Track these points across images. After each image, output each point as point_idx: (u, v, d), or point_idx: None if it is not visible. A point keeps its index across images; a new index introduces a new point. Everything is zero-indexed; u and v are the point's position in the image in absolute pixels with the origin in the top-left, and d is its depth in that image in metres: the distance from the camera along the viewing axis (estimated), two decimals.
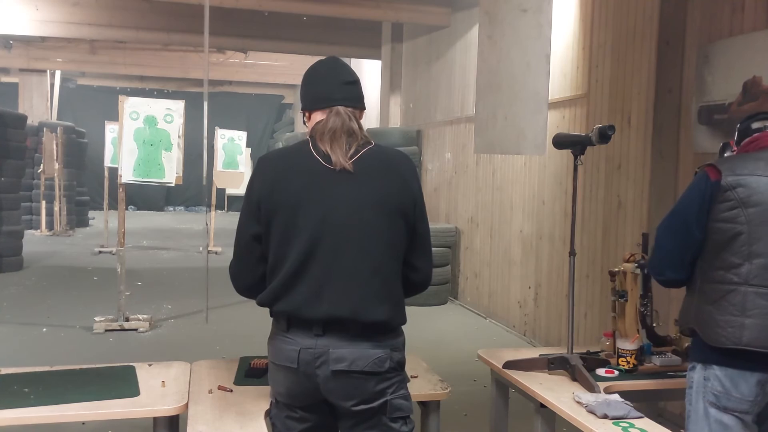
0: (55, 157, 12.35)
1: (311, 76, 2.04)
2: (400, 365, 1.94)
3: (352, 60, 13.84)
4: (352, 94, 2.00)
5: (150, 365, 2.71)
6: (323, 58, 2.10)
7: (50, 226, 12.81)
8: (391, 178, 1.92)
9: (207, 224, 6.94)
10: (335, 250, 1.86)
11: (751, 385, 2.14)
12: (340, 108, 1.95)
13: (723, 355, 2.16)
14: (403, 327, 1.98)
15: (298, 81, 17.96)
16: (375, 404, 1.88)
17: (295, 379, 1.88)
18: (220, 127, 11.27)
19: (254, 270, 1.98)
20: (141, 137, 6.05)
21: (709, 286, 2.21)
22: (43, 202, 12.74)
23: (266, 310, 1.98)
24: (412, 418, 1.97)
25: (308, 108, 2.02)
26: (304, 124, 2.04)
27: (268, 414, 2.03)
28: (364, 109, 2.05)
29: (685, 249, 2.24)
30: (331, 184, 1.88)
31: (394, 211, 1.90)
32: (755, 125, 2.31)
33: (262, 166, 1.98)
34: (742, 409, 2.15)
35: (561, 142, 2.84)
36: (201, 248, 11.00)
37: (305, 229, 1.86)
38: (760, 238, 2.13)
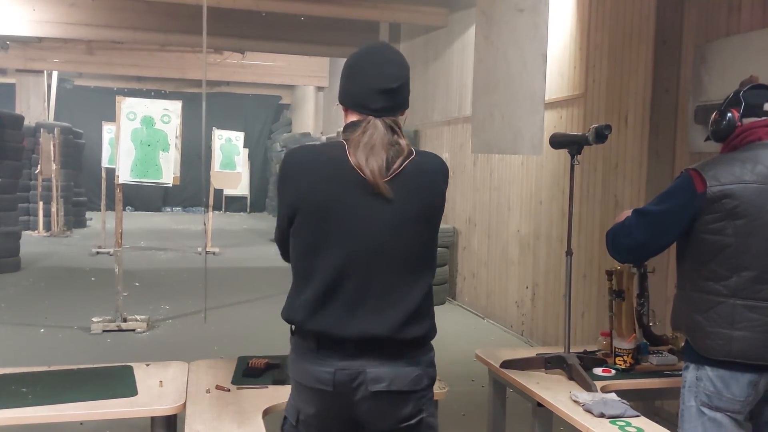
0: (52, 158, 12.34)
1: (352, 69, 1.85)
2: (433, 382, 1.88)
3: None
4: (392, 103, 1.81)
5: (148, 365, 2.71)
6: (370, 45, 1.89)
7: (47, 226, 12.79)
8: (429, 193, 1.81)
9: (205, 225, 6.94)
10: (372, 268, 1.76)
11: (743, 385, 2.14)
12: (378, 121, 1.79)
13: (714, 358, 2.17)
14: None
15: (296, 81, 18.00)
16: (412, 421, 1.81)
17: (329, 401, 1.78)
18: (218, 128, 11.27)
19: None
20: (138, 138, 6.04)
21: (698, 295, 2.21)
22: (41, 203, 12.72)
23: (265, 310, 1.95)
24: None
25: (344, 105, 1.87)
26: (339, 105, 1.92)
27: (281, 430, 1.93)
28: (407, 108, 1.88)
29: (655, 247, 2.30)
30: (367, 198, 1.75)
31: (428, 224, 1.83)
32: (767, 107, 2.24)
33: (290, 167, 1.82)
34: (733, 409, 2.15)
35: (558, 141, 2.85)
36: (199, 249, 11.00)
37: (339, 243, 1.75)
38: (747, 250, 2.11)
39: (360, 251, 1.76)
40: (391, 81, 1.80)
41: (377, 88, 1.79)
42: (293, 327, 1.85)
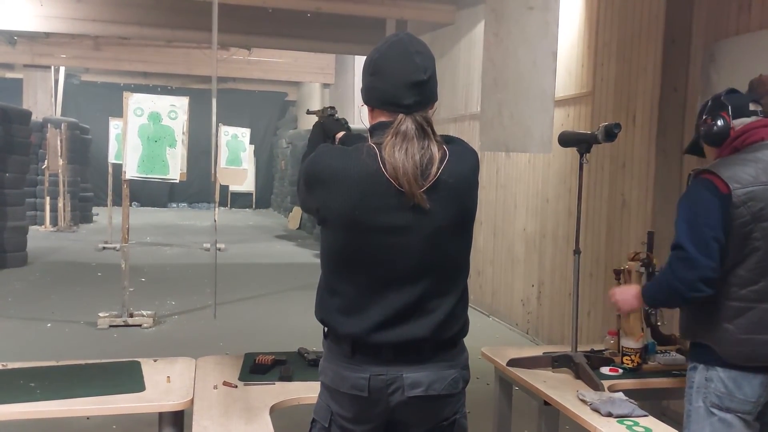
0: (59, 153, 12.37)
1: (374, 65, 1.74)
2: (467, 383, 1.86)
3: (356, 58, 13.86)
4: (422, 97, 1.71)
5: (155, 361, 2.72)
6: (393, 37, 1.76)
7: (54, 222, 12.83)
8: (467, 198, 1.76)
9: (215, 220, 6.94)
10: (410, 277, 1.71)
11: (755, 386, 2.13)
12: (409, 120, 1.69)
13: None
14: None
15: (302, 78, 17.99)
16: (448, 421, 1.81)
17: (367, 405, 1.75)
18: (224, 124, 11.28)
19: None
20: (145, 133, 6.05)
21: (725, 302, 2.14)
22: (47, 198, 12.76)
23: (270, 306, 1.95)
24: None
25: (371, 105, 1.77)
26: (364, 106, 1.80)
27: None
28: (437, 100, 1.78)
29: (715, 255, 2.11)
30: (405, 208, 1.67)
31: (466, 230, 1.79)
32: (752, 107, 2.25)
33: (319, 172, 1.73)
34: (744, 409, 2.14)
35: (567, 140, 2.84)
36: (207, 244, 11.02)
37: (376, 252, 1.70)
38: None
39: (398, 260, 1.71)
40: (421, 72, 1.70)
41: (408, 82, 1.69)
42: (326, 329, 1.82)
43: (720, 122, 2.23)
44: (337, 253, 1.75)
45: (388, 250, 1.70)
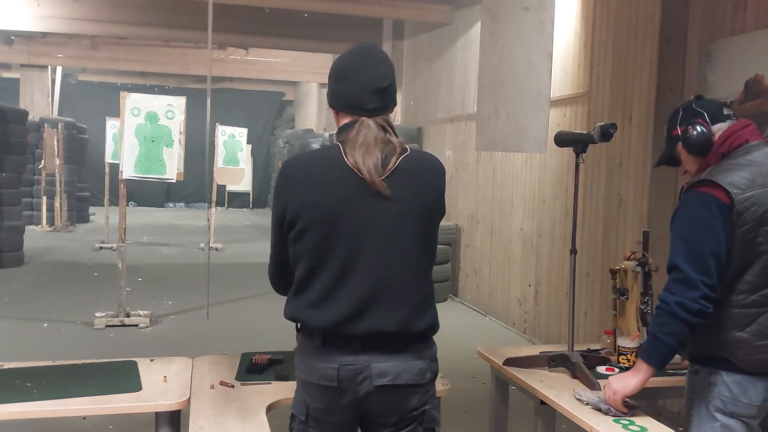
0: (55, 153, 12.36)
1: (340, 71, 1.88)
2: (436, 376, 1.92)
3: None
4: (383, 102, 1.85)
5: (152, 360, 2.72)
6: (357, 47, 1.91)
7: (51, 221, 12.82)
8: (427, 190, 1.85)
9: (208, 220, 6.95)
10: (374, 265, 1.79)
11: (760, 390, 2.10)
12: (371, 121, 1.83)
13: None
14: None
15: (299, 78, 18.00)
16: (417, 412, 1.86)
17: (335, 396, 1.82)
18: (221, 124, 11.28)
19: (291, 276, 1.91)
20: (142, 133, 6.05)
21: (735, 311, 2.09)
22: (44, 198, 12.75)
23: (267, 306, 1.97)
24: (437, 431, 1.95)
25: (336, 108, 1.90)
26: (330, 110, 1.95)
27: (290, 430, 1.94)
28: (395, 105, 1.92)
29: (713, 274, 2.04)
30: (367, 196, 1.78)
31: (429, 222, 1.86)
32: (725, 110, 2.21)
33: (289, 173, 1.84)
34: (749, 414, 2.11)
35: (563, 140, 2.84)
36: (202, 244, 11.02)
37: (341, 243, 1.78)
38: None
39: (362, 249, 1.79)
40: (383, 80, 1.85)
41: (371, 88, 1.84)
42: (298, 325, 1.88)
43: (700, 129, 2.19)
44: (306, 251, 1.82)
45: (354, 238, 1.79)
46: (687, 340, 2.10)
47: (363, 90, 1.84)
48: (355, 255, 1.79)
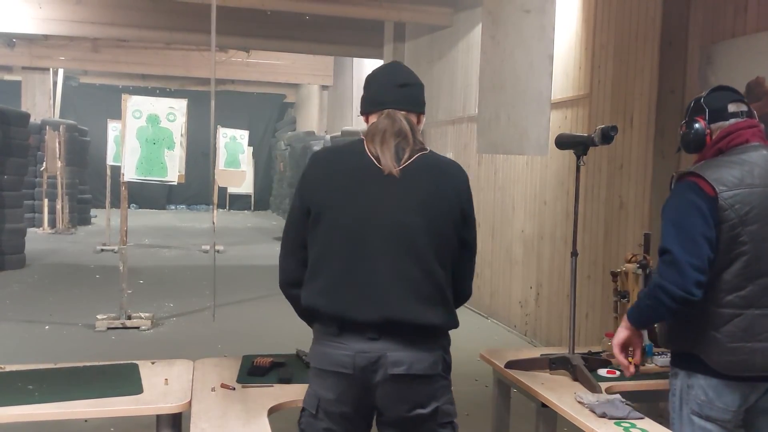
0: (57, 155, 12.38)
1: (368, 81, 2.05)
2: (449, 368, 1.94)
3: (354, 60, 13.87)
4: (405, 97, 1.99)
5: (153, 363, 2.72)
6: (387, 63, 2.14)
7: (52, 224, 12.83)
8: (441, 187, 1.90)
9: (213, 222, 6.95)
10: (382, 252, 1.84)
11: (736, 395, 2.10)
12: (393, 111, 1.94)
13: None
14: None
15: (300, 80, 18.05)
16: (427, 410, 1.87)
17: (349, 384, 1.84)
18: (222, 126, 11.29)
19: (303, 267, 1.95)
20: (144, 135, 6.06)
21: (713, 310, 2.08)
22: (46, 200, 12.76)
23: (269, 308, 1.99)
24: (456, 423, 1.98)
25: (364, 112, 2.03)
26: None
27: (299, 423, 1.96)
28: (423, 113, 2.04)
29: (704, 257, 2.05)
30: (380, 185, 1.86)
31: (441, 218, 1.88)
32: (732, 108, 2.19)
33: (313, 163, 1.98)
34: (724, 418, 2.11)
35: (564, 142, 2.85)
36: (205, 246, 11.01)
37: (350, 229, 1.85)
38: (761, 256, 2.04)
39: (370, 237, 1.84)
40: (406, 78, 2.01)
41: (394, 83, 1.99)
42: (314, 314, 1.92)
43: (695, 128, 2.20)
44: (322, 236, 1.88)
45: (366, 223, 1.85)
46: (666, 317, 2.18)
47: (385, 85, 2.00)
48: (363, 241, 1.84)
